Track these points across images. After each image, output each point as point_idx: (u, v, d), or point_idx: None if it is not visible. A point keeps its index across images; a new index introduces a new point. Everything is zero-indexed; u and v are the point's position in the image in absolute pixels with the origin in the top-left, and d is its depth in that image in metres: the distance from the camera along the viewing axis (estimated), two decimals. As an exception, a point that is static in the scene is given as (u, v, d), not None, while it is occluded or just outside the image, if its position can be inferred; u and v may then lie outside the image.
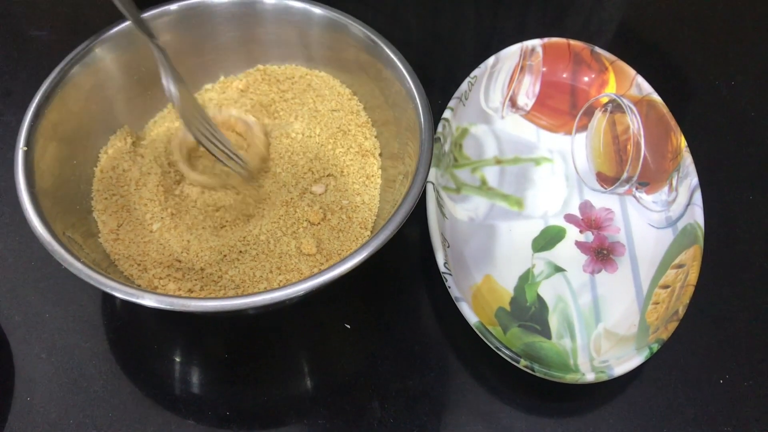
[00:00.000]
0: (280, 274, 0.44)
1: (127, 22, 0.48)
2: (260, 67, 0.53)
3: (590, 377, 0.41)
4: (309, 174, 0.48)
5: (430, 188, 0.48)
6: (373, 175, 0.50)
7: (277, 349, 0.46)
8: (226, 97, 0.52)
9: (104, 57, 0.47)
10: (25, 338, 0.45)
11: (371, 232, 0.46)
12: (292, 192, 0.47)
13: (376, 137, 0.51)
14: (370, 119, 0.52)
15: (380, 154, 0.50)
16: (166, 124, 0.51)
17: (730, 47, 0.66)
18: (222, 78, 0.53)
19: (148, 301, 0.37)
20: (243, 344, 0.46)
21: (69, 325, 0.46)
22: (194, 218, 0.46)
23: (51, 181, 0.43)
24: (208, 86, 0.53)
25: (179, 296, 0.38)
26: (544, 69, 0.57)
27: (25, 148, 0.41)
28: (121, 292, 0.37)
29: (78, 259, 0.38)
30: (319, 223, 0.46)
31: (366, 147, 0.50)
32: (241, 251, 0.44)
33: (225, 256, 0.44)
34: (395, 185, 0.46)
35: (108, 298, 0.47)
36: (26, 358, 0.45)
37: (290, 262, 0.44)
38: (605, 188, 0.53)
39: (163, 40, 0.49)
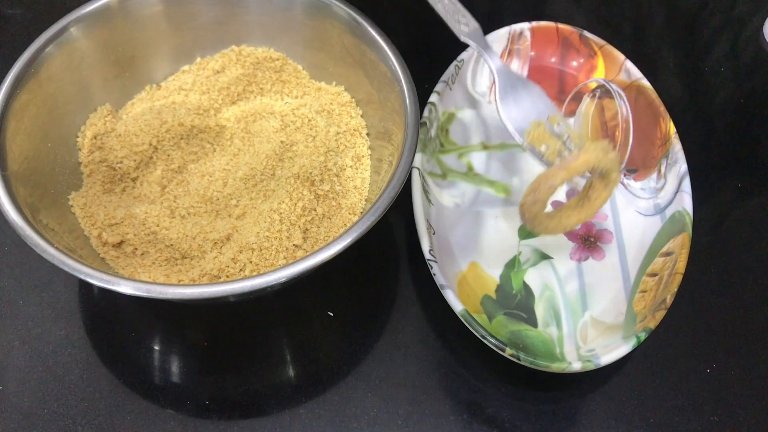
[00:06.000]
0: (263, 261, 0.43)
1: (105, 0, 0.46)
2: (234, 48, 0.52)
3: (577, 366, 0.40)
4: (307, 160, 0.47)
5: (415, 174, 0.47)
6: (363, 156, 0.49)
7: (259, 337, 0.45)
8: (201, 78, 0.51)
9: (80, 37, 0.46)
10: (-2, 326, 0.45)
11: (359, 217, 0.46)
12: (280, 179, 0.46)
13: (361, 116, 0.50)
14: (353, 99, 0.51)
15: (367, 134, 0.50)
16: (144, 105, 0.50)
17: (719, 33, 0.65)
18: (198, 59, 0.52)
19: (125, 288, 0.36)
20: (223, 332, 0.45)
21: (44, 313, 0.45)
22: (175, 203, 0.45)
23: (24, 164, 0.41)
24: (186, 68, 0.52)
25: (157, 283, 0.37)
26: (532, 53, 0.56)
27: None
28: (96, 279, 0.36)
29: (52, 244, 0.37)
30: (311, 211, 0.45)
31: (352, 126, 0.50)
32: (226, 237, 0.43)
33: (210, 242, 0.43)
34: (383, 166, 0.45)
35: (84, 285, 0.46)
36: None
37: (275, 250, 0.43)
38: (593, 175, 0.52)
39: (143, 20, 0.48)
